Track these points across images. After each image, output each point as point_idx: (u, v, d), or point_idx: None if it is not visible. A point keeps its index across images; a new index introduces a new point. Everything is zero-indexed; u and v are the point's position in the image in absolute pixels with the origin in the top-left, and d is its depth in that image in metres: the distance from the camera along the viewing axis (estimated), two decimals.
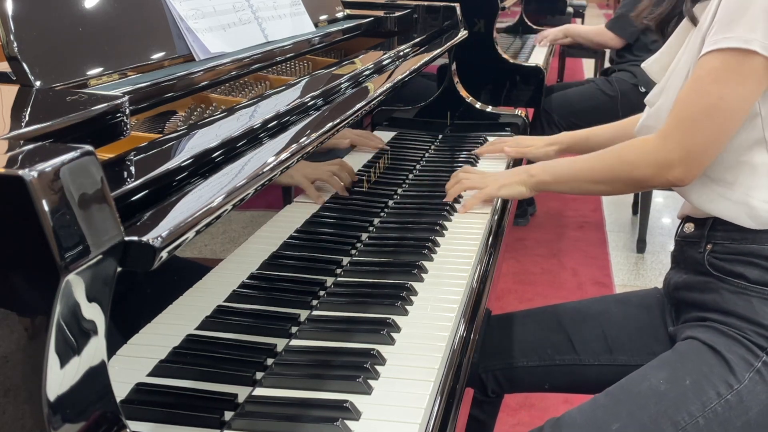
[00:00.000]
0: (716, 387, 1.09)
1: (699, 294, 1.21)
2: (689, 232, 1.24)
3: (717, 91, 1.10)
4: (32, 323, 0.54)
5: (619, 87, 3.21)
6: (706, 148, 1.13)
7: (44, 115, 0.70)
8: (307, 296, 1.08)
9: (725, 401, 1.09)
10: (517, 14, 4.03)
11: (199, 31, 1.11)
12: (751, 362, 1.10)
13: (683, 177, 1.16)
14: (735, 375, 1.10)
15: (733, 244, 1.17)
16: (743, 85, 1.09)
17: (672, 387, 1.11)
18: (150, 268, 0.65)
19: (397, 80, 1.37)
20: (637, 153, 1.22)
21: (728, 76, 1.09)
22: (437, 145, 1.88)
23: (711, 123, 1.12)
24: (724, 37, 1.09)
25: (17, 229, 0.51)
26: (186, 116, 1.04)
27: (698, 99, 1.12)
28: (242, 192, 0.80)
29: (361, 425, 0.83)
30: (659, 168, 1.17)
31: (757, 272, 1.14)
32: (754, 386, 1.09)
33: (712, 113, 1.11)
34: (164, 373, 0.83)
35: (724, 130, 1.12)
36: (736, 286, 1.15)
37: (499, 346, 1.37)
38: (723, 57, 1.09)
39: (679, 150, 1.14)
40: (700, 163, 1.15)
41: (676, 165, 1.15)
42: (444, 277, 1.19)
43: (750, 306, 1.13)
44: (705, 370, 1.11)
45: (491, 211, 1.46)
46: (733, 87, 1.09)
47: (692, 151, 1.14)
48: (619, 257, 3.25)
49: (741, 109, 1.11)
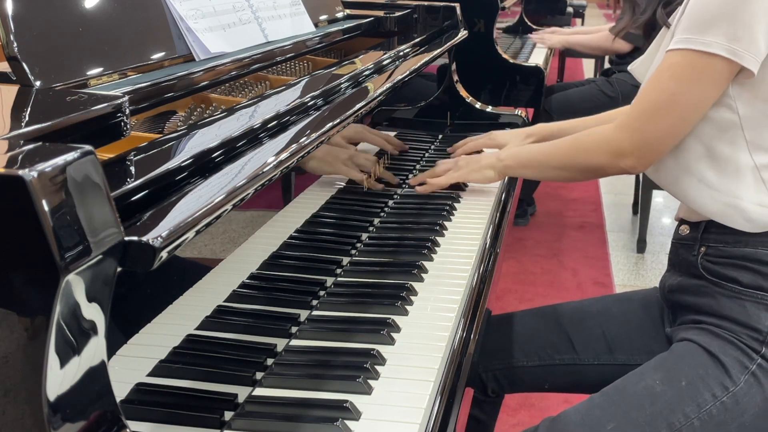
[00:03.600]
0: (712, 389, 1.09)
1: (694, 297, 1.21)
2: (684, 235, 1.24)
3: (673, 87, 1.14)
4: (32, 323, 0.54)
5: (619, 88, 3.21)
6: (658, 139, 1.17)
7: (44, 115, 0.70)
8: (307, 296, 1.08)
9: (721, 403, 1.09)
10: (517, 14, 4.03)
11: (199, 31, 1.11)
12: (746, 365, 1.10)
13: (635, 165, 1.20)
14: (730, 377, 1.10)
15: (727, 247, 1.17)
16: (699, 84, 1.12)
17: (668, 388, 1.11)
18: (150, 268, 0.65)
19: (397, 80, 1.37)
20: (593, 141, 1.26)
21: (686, 74, 1.13)
22: (437, 145, 1.87)
23: (665, 116, 1.15)
24: (687, 38, 1.11)
25: (17, 229, 0.51)
26: (186, 116, 1.04)
27: (655, 93, 1.16)
28: (242, 192, 0.80)
29: (361, 425, 0.83)
30: (612, 156, 1.21)
31: (750, 276, 1.14)
32: (749, 389, 1.09)
33: (667, 108, 1.15)
34: (164, 373, 0.83)
35: (677, 125, 1.15)
36: (730, 291, 1.15)
37: (499, 346, 1.37)
38: (684, 56, 1.12)
39: (632, 139, 1.19)
40: (652, 153, 1.19)
41: (629, 154, 1.19)
42: (444, 277, 1.19)
43: (744, 310, 1.13)
44: (701, 371, 1.11)
45: (491, 210, 1.46)
46: (689, 85, 1.12)
47: (645, 141, 1.18)
48: (619, 257, 3.25)
49: (696, 107, 1.14)
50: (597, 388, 1.20)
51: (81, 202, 0.53)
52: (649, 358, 1.25)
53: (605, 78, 3.34)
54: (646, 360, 1.27)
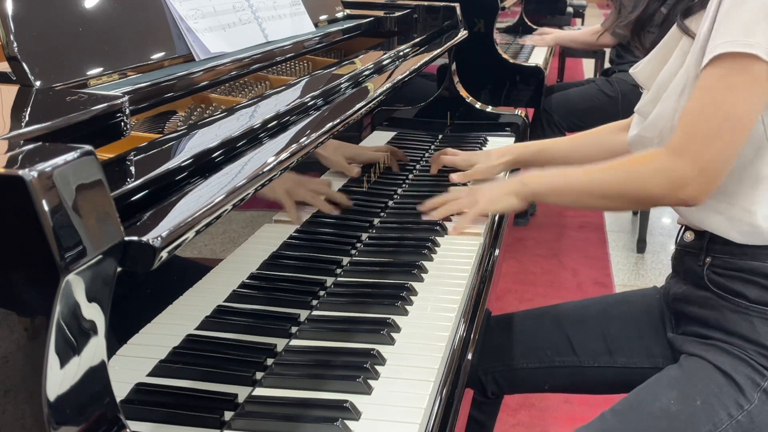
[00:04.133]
0: (727, 408, 1.08)
1: (699, 309, 1.18)
2: (689, 242, 1.21)
3: (728, 99, 1.05)
4: (32, 323, 0.54)
5: (619, 88, 3.21)
6: (720, 162, 1.07)
7: (44, 115, 0.70)
8: (307, 296, 1.08)
9: (736, 422, 1.07)
10: (517, 14, 4.03)
11: (199, 31, 1.11)
12: (758, 382, 1.09)
13: (697, 195, 1.09)
14: (744, 395, 1.08)
15: (733, 259, 1.14)
16: (751, 90, 1.04)
17: (683, 408, 1.08)
18: (150, 268, 0.65)
19: (397, 80, 1.37)
20: (649, 169, 1.13)
21: (736, 81, 1.04)
22: (437, 145, 1.87)
23: (724, 134, 1.06)
24: (725, 42, 1.04)
25: (17, 229, 0.51)
26: (186, 116, 1.04)
27: (709, 110, 1.06)
28: (242, 192, 0.80)
29: (361, 425, 0.83)
30: (672, 186, 1.10)
31: (757, 291, 1.11)
32: (763, 405, 1.08)
33: (725, 124, 1.05)
34: (164, 373, 0.83)
35: (736, 142, 1.06)
36: (737, 305, 1.13)
37: (499, 348, 1.36)
38: (727, 64, 1.04)
39: (693, 167, 1.07)
40: (714, 180, 1.08)
41: (690, 182, 1.08)
42: (444, 277, 1.19)
43: (752, 327, 1.11)
44: (715, 390, 1.09)
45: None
46: (742, 93, 1.04)
47: (708, 167, 1.07)
48: (619, 257, 3.25)
49: (750, 118, 1.06)
50: (598, 389, 1.20)
51: (81, 202, 0.53)
52: (648, 360, 1.25)
53: (605, 78, 3.34)
54: (645, 362, 1.26)
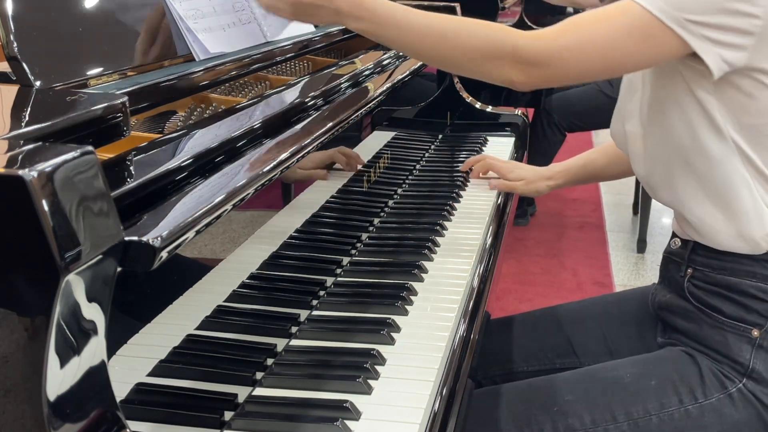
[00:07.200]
0: (680, 395, 1.10)
1: (681, 321, 1.19)
2: (674, 249, 1.22)
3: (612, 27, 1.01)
4: (32, 323, 0.54)
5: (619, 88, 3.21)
6: (571, 71, 1.04)
7: (44, 115, 0.70)
8: (307, 296, 1.08)
9: (685, 410, 1.09)
10: (517, 14, 4.03)
11: (198, 31, 1.11)
12: (726, 385, 1.10)
13: (525, 80, 1.04)
14: (704, 390, 1.10)
15: (712, 273, 1.14)
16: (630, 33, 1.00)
17: (636, 382, 1.12)
18: (150, 268, 0.65)
19: (397, 80, 1.37)
20: (504, 30, 1.06)
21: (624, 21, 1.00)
22: (437, 145, 1.88)
23: (591, 53, 1.02)
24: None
25: (17, 229, 0.51)
26: (186, 116, 1.04)
27: (593, 26, 1.03)
28: (242, 192, 0.80)
29: (361, 425, 0.83)
30: (513, 55, 1.03)
31: (733, 308, 1.12)
32: (722, 407, 1.09)
33: (598, 44, 1.02)
34: (164, 373, 0.83)
35: (595, 68, 1.04)
36: (714, 320, 1.13)
37: (499, 352, 1.36)
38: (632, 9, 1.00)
39: (543, 53, 1.03)
40: (549, 79, 1.06)
41: (531, 63, 1.03)
42: (444, 277, 1.19)
43: (725, 342, 1.11)
44: (675, 376, 1.11)
45: (491, 210, 1.46)
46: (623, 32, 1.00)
47: (555, 66, 1.03)
48: (619, 257, 3.25)
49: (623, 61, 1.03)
50: None
51: (81, 202, 0.53)
52: None
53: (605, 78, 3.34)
54: None
